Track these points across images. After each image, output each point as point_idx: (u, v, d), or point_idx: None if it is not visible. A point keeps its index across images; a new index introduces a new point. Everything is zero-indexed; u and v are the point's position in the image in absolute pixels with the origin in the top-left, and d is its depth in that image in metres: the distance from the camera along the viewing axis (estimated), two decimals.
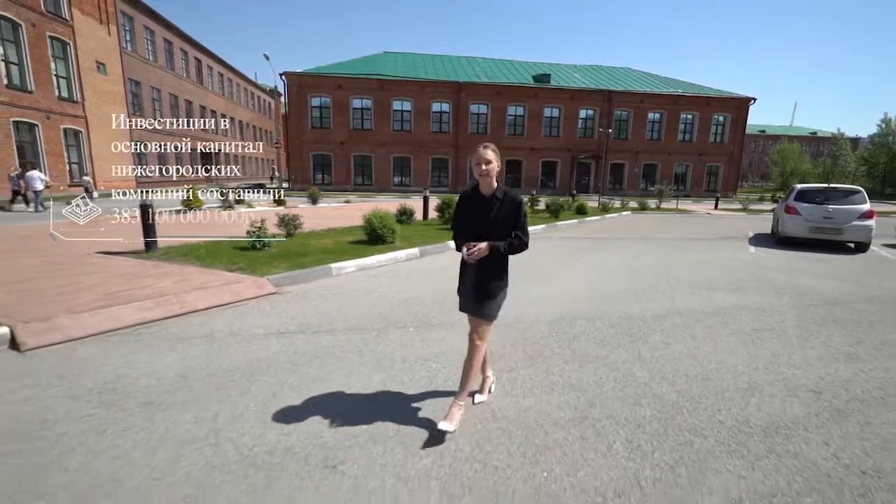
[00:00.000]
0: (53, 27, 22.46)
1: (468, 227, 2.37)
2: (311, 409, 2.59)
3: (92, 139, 25.38)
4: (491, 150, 2.29)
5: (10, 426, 2.37)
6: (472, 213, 2.36)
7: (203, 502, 1.84)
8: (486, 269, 2.35)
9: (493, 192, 2.32)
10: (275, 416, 2.51)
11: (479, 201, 2.35)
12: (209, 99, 41.04)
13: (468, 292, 2.43)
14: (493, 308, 2.40)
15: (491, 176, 2.28)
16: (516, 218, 2.32)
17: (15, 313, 3.77)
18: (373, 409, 2.62)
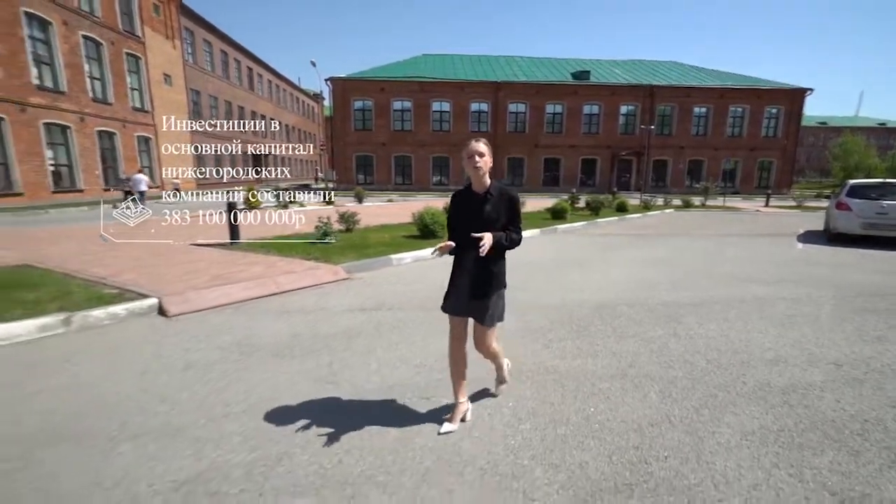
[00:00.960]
0: (129, 44, 24.80)
1: (463, 225, 2.26)
2: (401, 361, 3.28)
3: (160, 145, 27.71)
4: (483, 143, 2.24)
5: (186, 366, 3.19)
6: (466, 212, 2.29)
7: (336, 418, 2.54)
8: (485, 266, 2.27)
9: (486, 188, 2.26)
10: (374, 365, 3.21)
11: (472, 199, 2.29)
12: (259, 104, 43.48)
13: (462, 293, 2.33)
14: (492, 311, 2.33)
15: (484, 170, 2.22)
16: (511, 214, 2.29)
17: (154, 289, 4.71)
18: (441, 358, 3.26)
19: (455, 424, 2.41)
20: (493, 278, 2.32)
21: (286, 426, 2.43)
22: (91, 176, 22.13)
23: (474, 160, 2.20)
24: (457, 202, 2.37)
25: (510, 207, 2.29)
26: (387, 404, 2.68)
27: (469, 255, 2.25)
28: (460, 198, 2.36)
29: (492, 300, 2.33)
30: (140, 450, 2.21)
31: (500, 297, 2.39)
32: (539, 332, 3.97)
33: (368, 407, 2.65)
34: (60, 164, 20.60)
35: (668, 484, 1.98)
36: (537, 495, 1.91)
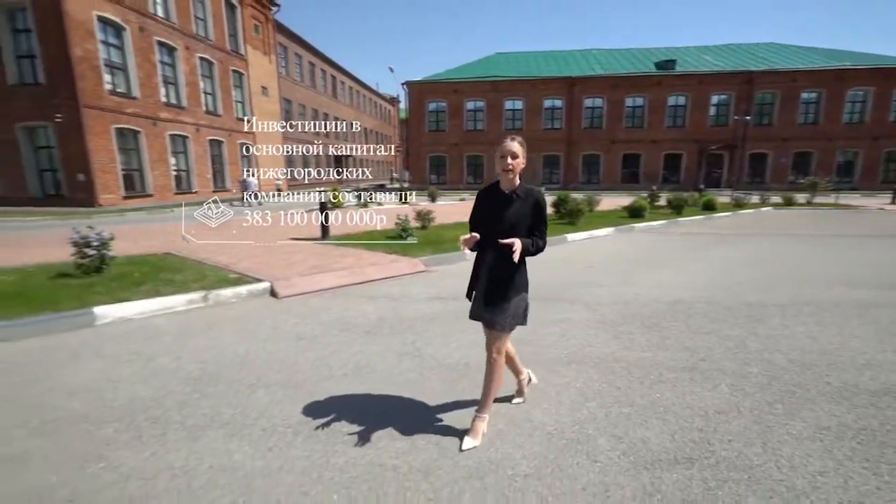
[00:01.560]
0: (234, 62, 27.96)
1: (486, 225, 2.18)
2: (476, 343, 3.62)
3: (258, 150, 30.87)
4: (517, 143, 2.13)
5: (297, 337, 3.83)
6: (490, 211, 2.19)
7: (423, 383, 2.95)
8: (502, 271, 2.18)
9: (514, 188, 2.17)
10: (453, 344, 3.60)
11: (498, 198, 2.19)
12: (341, 110, 46.47)
13: (479, 297, 2.28)
14: (506, 316, 2.21)
15: (515, 171, 2.13)
16: (538, 217, 2.18)
17: (266, 275, 5.54)
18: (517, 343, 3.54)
19: (478, 439, 2.27)
20: (513, 282, 2.20)
21: (380, 386, 2.89)
22: (203, 179, 25.37)
23: (506, 161, 2.11)
24: (482, 201, 2.26)
25: (536, 210, 2.16)
26: (465, 376, 3.04)
27: (489, 255, 2.19)
28: (486, 196, 2.26)
29: (511, 304, 2.21)
30: (271, 395, 2.79)
31: (521, 301, 2.28)
32: (609, 324, 4.10)
33: (449, 377, 3.04)
34: (181, 169, 23.89)
35: (729, 462, 2.11)
36: (600, 458, 2.14)
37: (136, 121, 20.31)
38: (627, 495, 1.89)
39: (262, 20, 30.97)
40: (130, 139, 20.31)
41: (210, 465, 2.13)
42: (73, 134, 17.79)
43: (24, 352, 3.53)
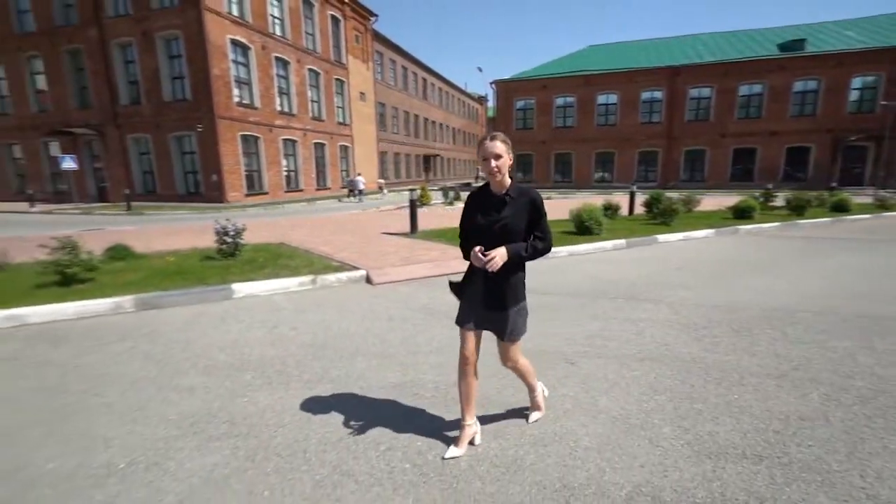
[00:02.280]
0: (337, 71, 30.50)
1: (478, 230, 2.05)
2: (552, 333, 3.81)
3: (355, 151, 33.35)
4: (500, 142, 1.98)
5: (389, 319, 4.34)
6: (481, 215, 2.05)
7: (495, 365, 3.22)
8: (501, 278, 2.05)
9: (505, 190, 2.04)
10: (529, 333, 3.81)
11: (489, 201, 2.06)
12: (431, 111, 48.12)
13: (475, 303, 2.17)
14: (507, 326, 2.15)
15: (502, 173, 1.99)
16: (535, 219, 2.05)
17: (362, 265, 6.23)
18: (590, 337, 3.65)
19: (462, 449, 2.20)
20: (509, 290, 2.10)
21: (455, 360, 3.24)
22: (308, 178, 28.15)
23: (490, 164, 1.97)
24: (472, 204, 2.12)
25: (533, 210, 2.04)
26: (539, 360, 3.25)
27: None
28: (476, 199, 2.12)
29: (510, 313, 2.13)
30: (368, 362, 3.29)
31: (519, 312, 2.18)
32: (692, 327, 3.99)
33: None
34: (290, 169, 26.79)
35: (803, 464, 2.08)
36: (662, 443, 2.25)
37: (257, 128, 23.26)
38: (686, 477, 2.00)
39: (361, 31, 33.35)
40: (252, 144, 23.32)
41: (321, 408, 2.65)
42: (209, 141, 20.97)
43: (188, 315, 4.51)
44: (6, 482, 2.06)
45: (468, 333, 2.20)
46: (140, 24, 20.79)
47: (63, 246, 5.20)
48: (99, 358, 3.48)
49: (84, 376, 3.16)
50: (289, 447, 2.28)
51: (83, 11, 21.76)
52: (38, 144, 24.52)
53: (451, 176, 56.05)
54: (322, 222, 12.63)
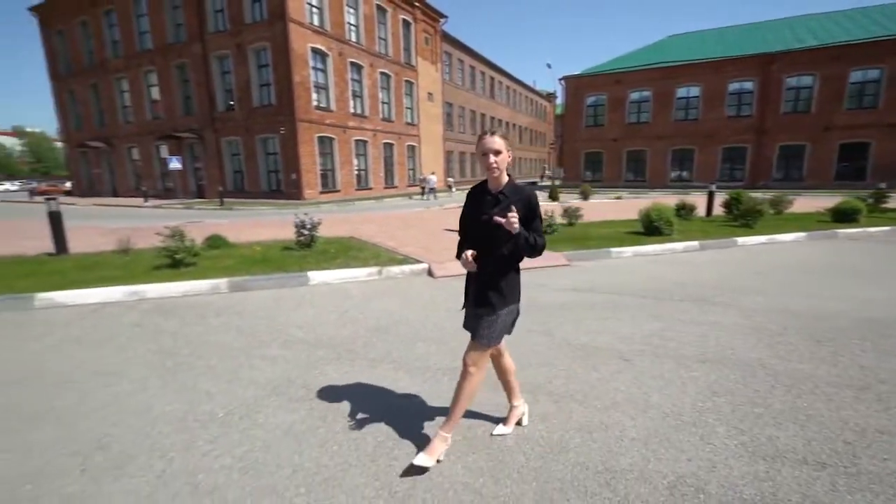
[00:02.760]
0: (406, 73, 31.49)
1: (476, 229, 2.02)
2: (607, 330, 3.80)
3: (422, 151, 34.23)
4: (499, 138, 1.94)
5: (447, 309, 4.57)
6: (479, 214, 2.00)
7: (548, 354, 3.31)
8: (494, 275, 2.02)
9: (501, 187, 2.00)
10: (583, 329, 3.85)
11: (485, 199, 2.03)
12: (498, 110, 47.95)
13: (471, 304, 2.13)
14: (493, 329, 2.04)
15: (500, 169, 1.95)
16: (529, 218, 1.99)
17: (425, 258, 6.54)
18: (649, 336, 3.59)
19: (509, 428, 2.34)
20: (501, 289, 2.03)
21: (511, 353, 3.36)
22: (377, 177, 29.42)
23: (489, 159, 1.94)
24: (470, 202, 2.11)
25: (528, 209, 1.98)
26: (591, 355, 3.30)
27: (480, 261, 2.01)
28: (474, 197, 2.10)
29: (499, 315, 2.05)
30: (427, 347, 3.54)
31: (510, 314, 2.11)
32: (764, 332, 3.76)
33: (576, 354, 3.33)
34: (360, 169, 28.18)
35: (873, 476, 1.97)
36: (714, 441, 2.23)
37: (332, 129, 24.78)
38: (735, 474, 1.98)
39: (431, 32, 34.11)
40: (327, 145, 24.89)
41: (383, 383, 2.93)
42: (290, 142, 22.73)
43: (270, 297, 5.08)
44: (140, 417, 2.55)
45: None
46: (235, 37, 23.05)
47: (173, 235, 6.06)
48: (201, 329, 4.08)
49: (190, 343, 3.73)
50: (354, 413, 2.57)
51: (190, 29, 24.59)
52: (151, 147, 28.14)
53: (518, 174, 55.44)
54: (389, 219, 13.25)
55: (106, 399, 2.79)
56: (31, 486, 2.01)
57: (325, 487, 1.95)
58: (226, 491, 1.96)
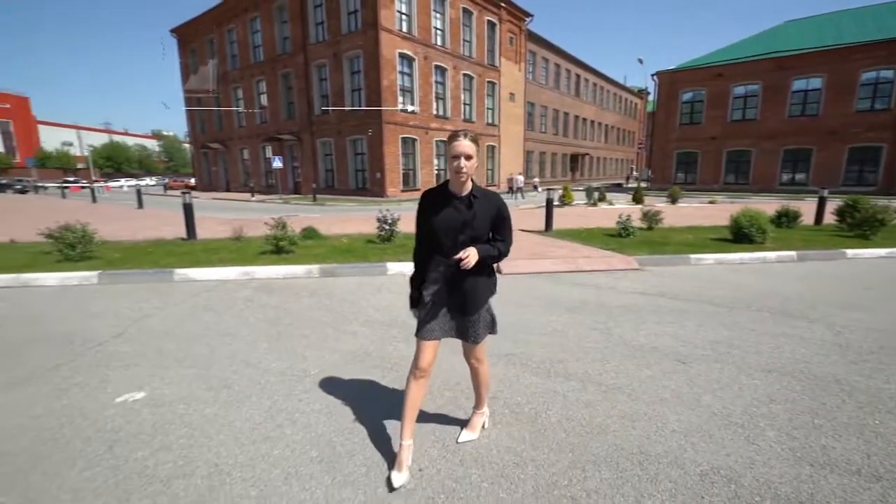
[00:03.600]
0: (489, 74, 31.78)
1: (439, 233, 1.95)
2: (668, 334, 3.80)
3: (501, 152, 34.34)
4: (470, 141, 1.89)
5: (507, 303, 4.83)
6: (443, 217, 1.94)
7: (603, 351, 3.44)
8: (474, 276, 2.01)
9: (469, 192, 1.96)
10: (643, 331, 3.89)
11: (450, 202, 1.95)
12: (583, 109, 46.35)
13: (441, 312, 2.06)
14: (478, 328, 2.10)
15: (470, 173, 1.91)
16: (500, 221, 2.00)
17: None
18: (714, 343, 3.53)
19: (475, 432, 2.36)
20: (481, 289, 2.06)
21: (566, 345, 3.55)
22: None
23: (460, 162, 1.87)
24: (430, 205, 2.00)
25: (498, 214, 2.00)
26: (646, 354, 3.37)
27: (446, 267, 1.98)
28: (435, 200, 1.99)
29: (480, 316, 2.09)
30: None
31: (487, 311, 2.15)
32: (852, 350, 3.49)
33: (631, 352, 3.42)
34: (440, 168, 29.08)
35: None
36: (760, 443, 2.26)
37: (415, 131, 25.94)
38: (774, 473, 2.03)
39: (516, 32, 34.03)
40: (410, 145, 26.11)
41: (445, 361, 3.30)
42: (376, 143, 24.24)
43: (354, 283, 5.73)
44: (253, 368, 3.21)
45: (430, 344, 2.06)
46: (332, 47, 25.13)
47: (277, 225, 7.04)
48: (297, 306, 4.79)
49: (289, 315, 4.44)
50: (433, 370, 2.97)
51: (295, 42, 27.29)
52: (258, 148, 31.70)
53: (601, 175, 53.12)
54: None
55: (227, 353, 3.51)
56: (183, 406, 2.69)
57: (395, 435, 2.36)
58: (315, 427, 2.46)
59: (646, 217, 9.64)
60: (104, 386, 2.96)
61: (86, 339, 3.79)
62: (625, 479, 2.01)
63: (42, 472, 2.11)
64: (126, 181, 55.39)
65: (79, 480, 2.05)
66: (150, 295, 5.21)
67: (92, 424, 2.51)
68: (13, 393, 2.88)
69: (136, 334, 3.92)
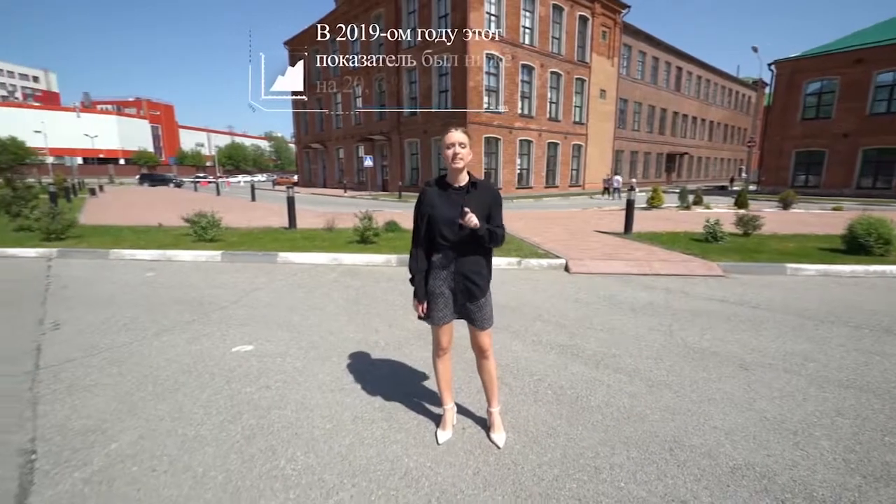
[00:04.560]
0: (578, 71, 30.78)
1: (439, 225, 2.03)
2: (736, 341, 3.65)
3: (588, 150, 33.11)
4: (462, 132, 2.01)
5: (574, 301, 4.91)
6: (442, 208, 2.03)
7: (662, 352, 3.44)
8: (472, 268, 2.09)
9: (466, 181, 2.07)
10: (708, 336, 3.78)
11: (448, 193, 2.06)
12: (683, 104, 42.77)
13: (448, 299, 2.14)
14: (485, 314, 2.17)
15: (465, 161, 2.01)
16: (495, 210, 2.08)
17: (564, 255, 6.87)
18: (788, 354, 3.34)
19: (448, 431, 2.36)
20: (484, 276, 2.15)
21: (622, 343, 3.60)
22: (539, 177, 29.74)
23: (455, 150, 1.97)
24: (429, 198, 2.08)
25: (494, 202, 2.09)
26: (705, 358, 3.31)
27: (449, 257, 2.09)
28: (433, 193, 2.09)
29: (487, 300, 2.19)
30: (545, 327, 4.02)
31: (487, 301, 2.20)
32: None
33: (690, 354, 3.38)
34: (522, 168, 28.92)
35: None
36: (810, 450, 2.21)
37: (499, 131, 26.12)
38: (816, 478, 2.00)
39: (610, 26, 32.50)
40: (493, 145, 26.36)
41: (500, 346, 3.56)
42: None
43: None
44: (334, 336, 3.77)
45: (444, 328, 2.22)
46: (422, 51, 26.27)
47: (364, 218, 7.79)
48: (375, 289, 5.36)
49: (367, 297, 5.01)
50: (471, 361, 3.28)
51: (388, 48, 29.00)
52: (353, 148, 34.23)
53: (702, 177, 48.60)
54: (541, 216, 13.65)
55: (315, 322, 4.14)
56: (280, 359, 3.31)
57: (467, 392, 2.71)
58: (381, 387, 2.90)
59: (741, 222, 8.86)
60: (224, 338, 3.72)
61: (212, 303, 4.70)
62: (651, 460, 2.13)
63: (183, 393, 2.81)
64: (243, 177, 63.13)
65: (207, 401, 2.70)
66: (258, 273, 6.18)
67: (216, 364, 3.21)
68: (163, 337, 3.75)
69: (248, 302, 4.76)
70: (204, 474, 2.04)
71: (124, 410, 2.60)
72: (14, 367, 3.16)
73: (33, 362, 3.24)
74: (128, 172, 68.42)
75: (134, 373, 3.08)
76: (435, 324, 2.21)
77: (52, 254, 7.20)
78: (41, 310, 4.47)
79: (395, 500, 1.89)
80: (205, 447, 2.25)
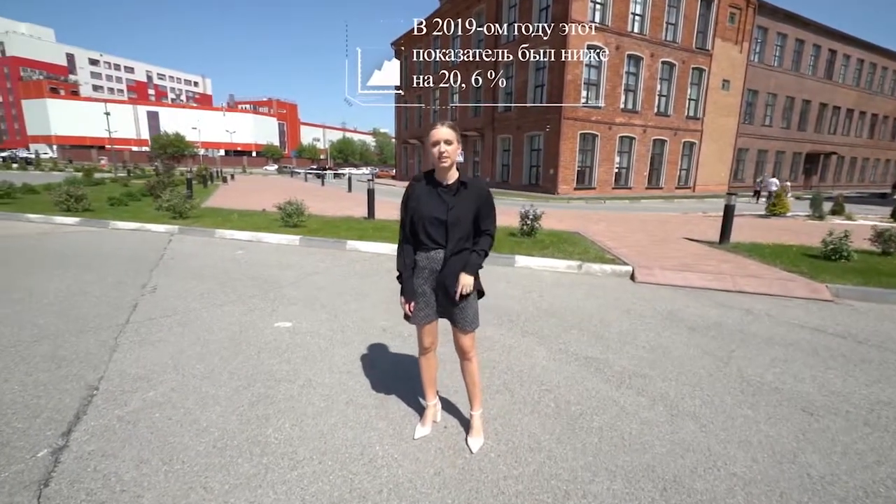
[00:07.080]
0: (696, 59, 27.65)
1: (424, 224, 1.98)
2: (812, 380, 3.03)
3: (702, 148, 29.67)
4: (448, 128, 1.94)
5: (625, 311, 4.50)
6: (428, 206, 1.97)
7: (705, 380, 3.00)
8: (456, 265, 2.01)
9: (454, 179, 2.00)
10: (777, 369, 3.19)
11: (436, 191, 1.99)
12: (835, 94, 36.13)
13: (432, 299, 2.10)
14: (468, 314, 2.09)
15: (452, 159, 1.94)
16: (487, 211, 2.01)
17: (633, 262, 6.29)
18: (882, 404, 2.68)
19: (427, 427, 2.35)
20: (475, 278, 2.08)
21: (661, 364, 3.21)
22: (640, 177, 27.46)
23: (440, 148, 1.92)
24: (416, 195, 2.03)
25: (486, 203, 2.02)
26: (758, 393, 2.80)
27: (435, 255, 2.03)
28: (420, 190, 2.03)
29: (471, 302, 2.11)
30: (579, 336, 3.75)
31: (473, 300, 2.12)
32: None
33: (740, 387, 2.88)
34: (621, 166, 26.95)
35: None
36: (812, 478, 1.77)
37: (596, 126, 24.65)
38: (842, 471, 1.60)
39: (741, 6, 28.58)
40: (589, 141, 24.97)
41: (523, 351, 3.42)
42: (553, 139, 23.99)
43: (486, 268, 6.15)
44: (368, 323, 3.96)
45: (427, 327, 2.21)
46: (520, 45, 25.77)
47: None
48: None
49: None
50: (506, 355, 3.20)
51: (487, 43, 28.98)
52: None
53: (855, 181, 40.73)
54: (628, 219, 12.63)
55: (355, 308, 4.38)
56: (310, 337, 3.58)
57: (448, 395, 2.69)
58: (388, 377, 2.98)
59: (880, 237, 7.24)
60: (271, 314, 4.13)
61: (274, 282, 5.24)
62: (634, 496, 1.89)
63: (220, 357, 3.20)
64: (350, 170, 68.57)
65: (235, 367, 3.04)
66: (325, 258, 6.70)
67: (256, 336, 3.59)
68: (225, 308, 4.28)
69: (303, 285, 5.20)
70: (205, 429, 2.32)
71: (171, 365, 3.04)
72: (112, 320, 3.87)
73: (126, 317, 3.94)
74: (257, 164, 79.10)
75: (191, 335, 3.58)
76: (417, 323, 2.19)
77: (174, 230, 8.61)
78: (148, 275, 5.39)
79: (349, 483, 1.95)
80: (215, 406, 2.54)
